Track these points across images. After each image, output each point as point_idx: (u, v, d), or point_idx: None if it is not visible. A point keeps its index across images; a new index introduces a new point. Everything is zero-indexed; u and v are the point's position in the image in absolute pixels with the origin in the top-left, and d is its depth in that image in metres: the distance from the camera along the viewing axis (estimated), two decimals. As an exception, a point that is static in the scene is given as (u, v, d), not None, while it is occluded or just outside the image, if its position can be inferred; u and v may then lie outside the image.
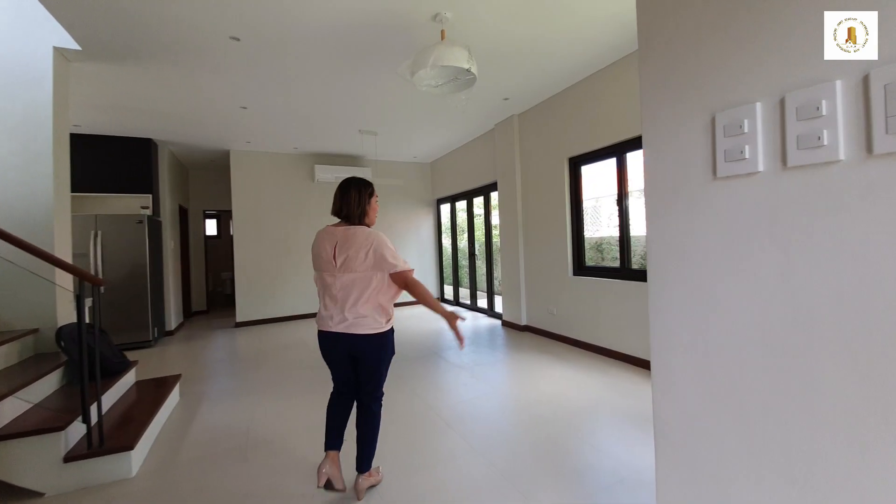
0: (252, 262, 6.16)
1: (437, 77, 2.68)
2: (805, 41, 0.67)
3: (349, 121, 4.93)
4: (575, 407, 2.72)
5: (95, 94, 3.85)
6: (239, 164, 6.11)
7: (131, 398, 2.90)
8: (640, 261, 3.90)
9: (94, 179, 5.06)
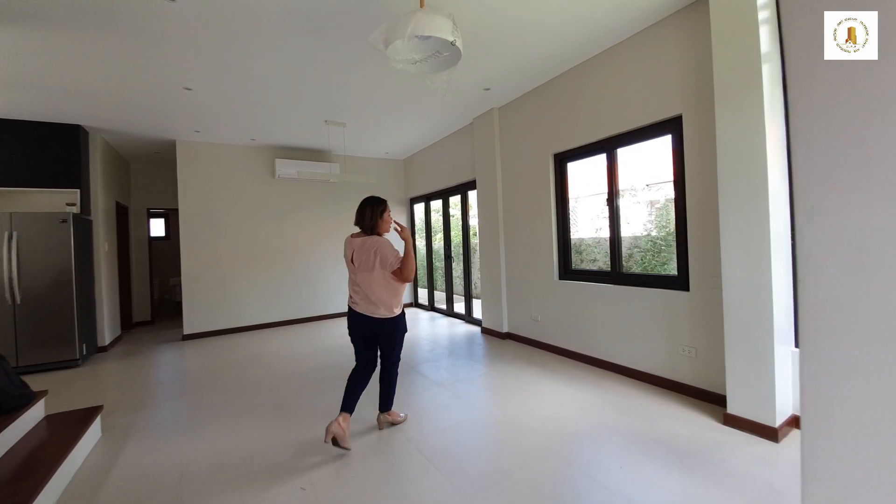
0: (202, 267, 5.49)
1: (416, 51, 2.28)
2: None
3: (314, 109, 4.43)
4: (574, 432, 2.40)
5: (8, 70, 3.18)
6: (187, 157, 5.44)
7: (35, 439, 2.32)
8: (633, 264, 3.67)
9: (10, 171, 4.29)
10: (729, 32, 2.36)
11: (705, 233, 2.73)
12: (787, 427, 2.30)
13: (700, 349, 2.78)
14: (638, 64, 3.10)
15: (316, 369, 3.82)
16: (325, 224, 6.44)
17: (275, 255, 6.02)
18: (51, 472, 1.97)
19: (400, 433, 2.46)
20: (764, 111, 2.24)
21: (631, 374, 3.21)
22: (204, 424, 2.71)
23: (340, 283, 6.53)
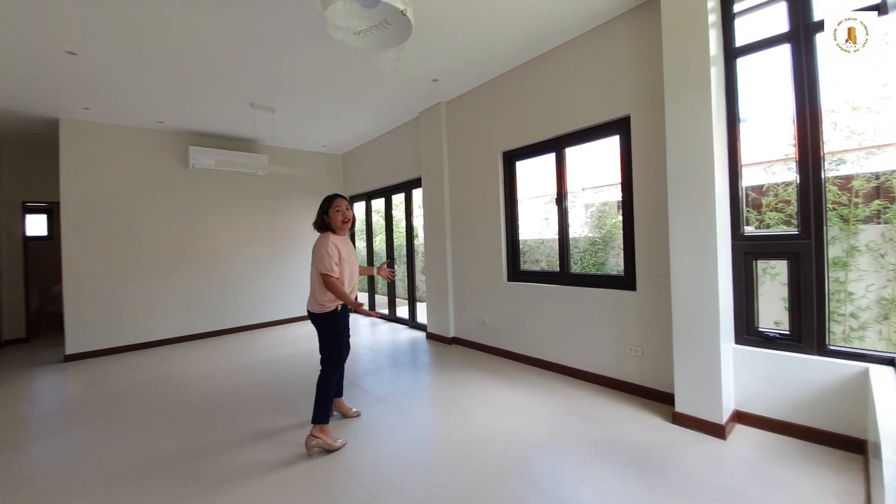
0: (93, 272, 4.58)
1: (359, 16, 1.97)
2: None
3: (237, 89, 3.87)
4: (530, 444, 2.23)
5: None
6: (73, 139, 4.51)
7: None
8: (585, 265, 3.68)
9: None
10: (679, 34, 2.37)
11: (651, 233, 2.74)
12: (732, 423, 2.34)
13: (646, 348, 2.79)
14: (588, 63, 3.07)
15: (241, 389, 3.30)
16: (252, 222, 5.76)
17: (190, 257, 5.23)
18: None
19: (337, 463, 2.12)
20: (712, 112, 2.27)
21: (580, 375, 3.16)
22: (83, 474, 2.13)
23: (271, 289, 5.89)
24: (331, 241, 2.34)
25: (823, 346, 2.19)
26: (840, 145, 2.48)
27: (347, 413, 2.66)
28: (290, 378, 3.52)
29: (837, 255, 2.64)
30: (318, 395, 2.30)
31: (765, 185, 2.97)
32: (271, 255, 5.93)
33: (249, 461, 2.17)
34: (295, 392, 3.16)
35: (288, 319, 6.07)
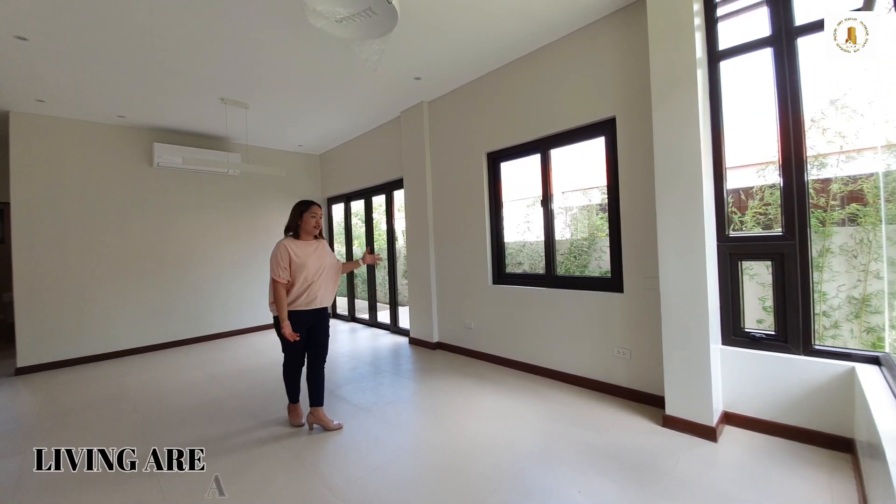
0: (47, 278, 4.22)
1: (342, 5, 1.86)
2: None
3: (206, 82, 3.65)
4: (522, 453, 2.15)
5: None
6: (25, 135, 4.16)
7: None
8: (567, 268, 3.64)
9: None
10: (665, 36, 2.36)
11: (638, 235, 2.73)
12: (721, 425, 2.33)
13: (634, 351, 2.76)
14: (574, 63, 3.05)
15: (205, 406, 3.08)
16: (225, 224, 5.47)
17: (157, 261, 4.91)
18: None
19: (320, 483, 1.97)
20: (699, 114, 2.27)
21: (568, 379, 3.11)
22: (35, 501, 1.90)
23: (242, 295, 5.61)
24: (283, 246, 2.40)
25: (809, 345, 2.21)
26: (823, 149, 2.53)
27: (328, 426, 2.51)
28: (264, 389, 3.32)
29: (812, 257, 2.70)
30: (286, 382, 2.61)
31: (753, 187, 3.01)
32: (246, 258, 5.66)
33: (221, 482, 1.99)
34: (271, 404, 2.98)
35: (260, 327, 5.79)
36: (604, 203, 5.12)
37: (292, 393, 2.63)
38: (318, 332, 2.53)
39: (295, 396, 2.64)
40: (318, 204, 2.57)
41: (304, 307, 2.42)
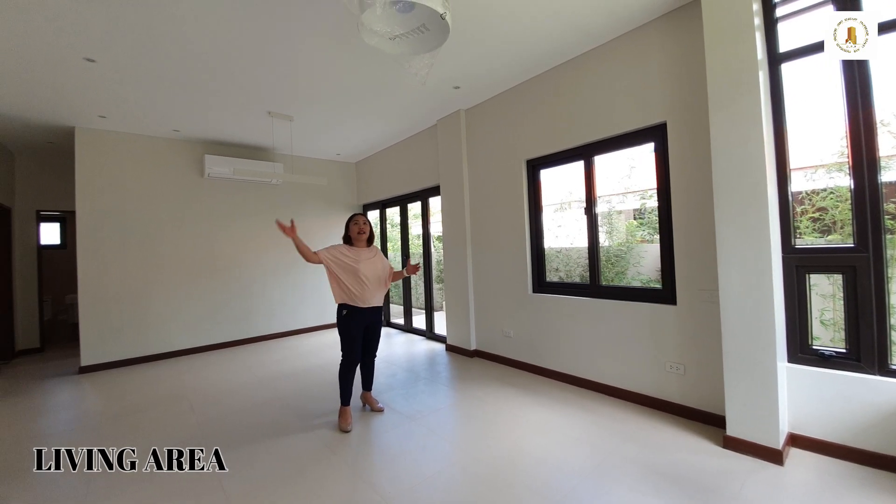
0: (108, 283, 4.52)
1: (394, 22, 1.89)
2: None
3: (256, 97, 3.81)
4: (574, 470, 2.09)
5: None
6: (89, 148, 4.48)
7: None
8: (607, 275, 3.53)
9: None
10: (723, 37, 2.27)
11: (692, 244, 2.62)
12: (787, 447, 2.19)
13: (689, 366, 2.65)
14: (620, 69, 2.97)
15: (256, 407, 3.19)
16: (267, 231, 5.68)
17: (205, 266, 5.16)
18: None
19: (372, 492, 1.99)
20: (762, 118, 2.16)
21: (615, 393, 3.02)
22: (107, 495, 2.03)
23: (286, 299, 5.81)
24: (337, 247, 2.79)
25: (885, 365, 2.05)
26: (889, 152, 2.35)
27: (374, 406, 2.99)
28: (309, 393, 3.41)
29: (887, 270, 2.50)
30: (339, 380, 2.81)
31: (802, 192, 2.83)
32: (287, 264, 5.85)
33: (277, 490, 2.06)
34: (318, 408, 3.06)
35: (303, 329, 5.97)
36: (642, 208, 4.98)
37: (346, 394, 2.79)
38: (373, 329, 2.91)
39: (347, 398, 2.79)
40: (361, 214, 2.92)
41: (362, 305, 2.75)
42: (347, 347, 2.77)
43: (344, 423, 2.69)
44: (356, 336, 2.77)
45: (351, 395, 2.82)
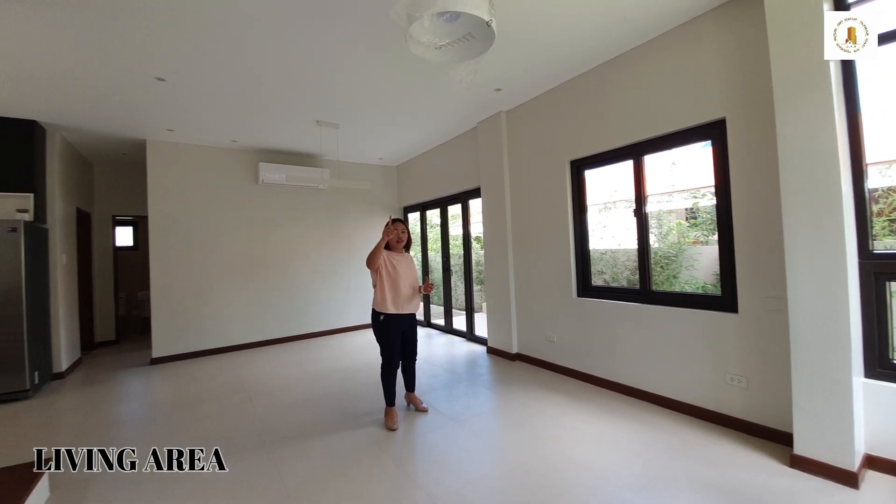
0: (175, 281, 4.93)
1: (441, 32, 1.92)
2: None
3: (305, 107, 4.01)
4: (627, 484, 2.03)
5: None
6: (158, 159, 4.90)
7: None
8: (657, 279, 3.38)
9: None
10: (788, 27, 2.11)
11: (756, 248, 2.45)
12: (863, 469, 2.01)
13: (752, 379, 2.48)
14: (672, 64, 2.84)
15: (307, 402, 3.36)
16: (313, 234, 5.96)
17: (258, 267, 5.50)
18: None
19: (420, 491, 2.05)
20: (834, 110, 1.99)
21: (668, 404, 2.88)
22: (178, 480, 2.22)
23: (332, 298, 6.05)
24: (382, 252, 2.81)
25: (985, 385, 1.83)
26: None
27: (419, 406, 3.07)
28: (357, 390, 3.54)
29: None
30: (383, 382, 2.89)
31: (878, 189, 2.56)
32: (332, 265, 6.10)
33: (330, 483, 2.16)
34: (365, 405, 3.17)
35: (348, 328, 6.20)
36: (695, 208, 4.72)
37: (389, 396, 2.88)
38: (409, 335, 2.98)
39: (392, 399, 2.88)
40: (400, 220, 2.97)
41: (397, 311, 2.82)
42: (387, 352, 2.85)
43: (390, 422, 2.77)
44: (394, 341, 2.84)
45: (395, 396, 2.90)
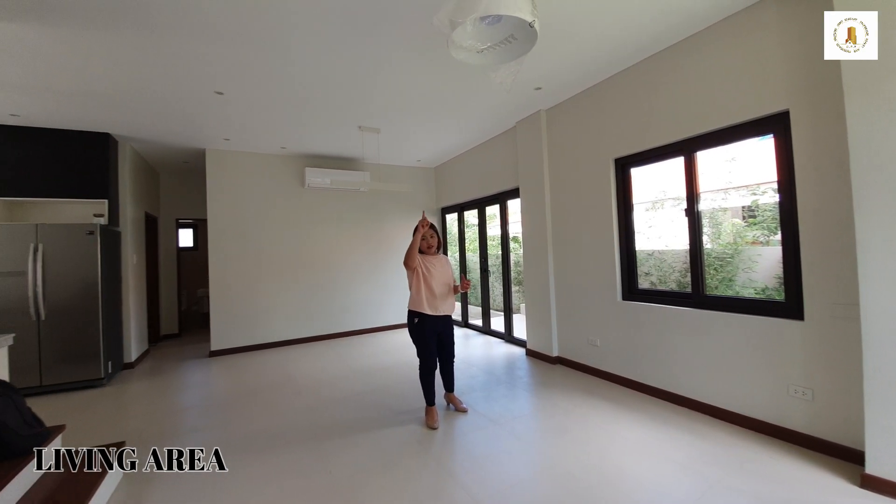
0: (230, 280, 5.27)
1: (483, 36, 1.92)
2: None
3: (348, 114, 4.15)
4: (677, 499, 1.93)
5: (32, 72, 3.01)
6: (216, 166, 5.26)
7: (48, 487, 2.04)
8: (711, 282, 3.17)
9: (37, 181, 4.16)
10: (862, 8, 1.92)
11: (825, 248, 2.26)
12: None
13: (818, 391, 2.29)
14: (728, 54, 2.67)
15: (351, 397, 3.48)
16: (354, 235, 6.16)
17: (303, 267, 5.76)
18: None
19: (462, 491, 2.06)
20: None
21: (724, 416, 2.71)
22: (235, 467, 2.38)
23: (370, 297, 6.23)
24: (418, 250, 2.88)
25: None
26: None
27: (459, 406, 3.09)
28: (398, 388, 3.62)
29: None
30: (422, 383, 2.94)
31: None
32: (372, 265, 6.27)
33: (374, 477, 2.23)
34: (407, 403, 3.24)
35: (387, 327, 6.35)
36: (754, 205, 4.40)
37: (429, 395, 2.93)
38: (446, 336, 2.99)
39: (431, 399, 2.92)
40: (430, 226, 2.96)
41: (432, 313, 2.86)
42: (424, 354, 2.89)
43: (431, 421, 2.81)
44: (430, 342, 2.88)
45: (434, 396, 2.94)
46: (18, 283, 3.81)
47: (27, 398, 2.19)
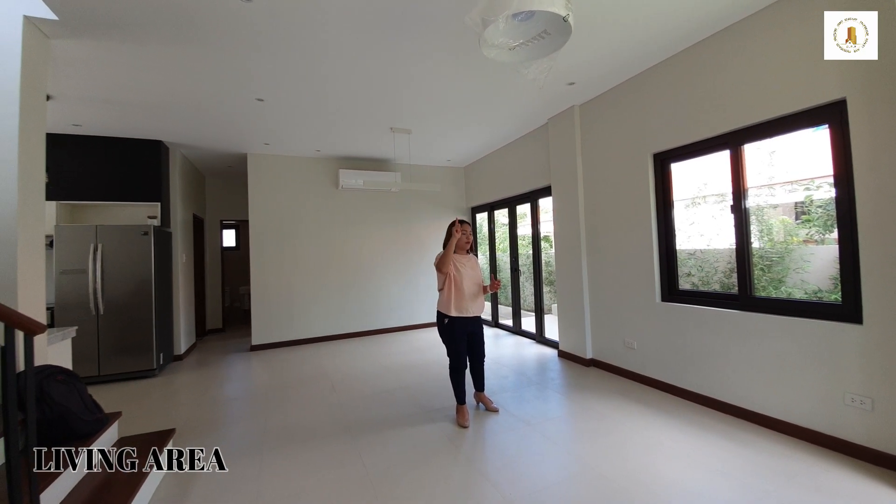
0: (269, 278, 5.52)
1: (515, 33, 1.91)
2: None
3: (380, 116, 4.24)
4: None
5: (93, 86, 3.28)
6: (257, 170, 5.51)
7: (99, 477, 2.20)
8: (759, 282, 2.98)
9: (96, 185, 4.51)
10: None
11: (888, 248, 2.08)
12: None
13: (879, 400, 2.11)
14: (775, 41, 2.51)
15: (383, 393, 3.55)
16: (385, 234, 6.27)
17: (336, 265, 5.93)
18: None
19: (494, 491, 2.06)
20: None
21: (771, 424, 2.56)
22: (275, 454, 2.50)
23: (401, 296, 6.32)
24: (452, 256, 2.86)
25: None
26: None
27: (489, 405, 3.08)
28: (429, 386, 3.66)
29: None
30: (452, 382, 2.96)
31: None
32: (403, 264, 6.37)
33: (407, 472, 2.27)
34: (438, 401, 3.27)
35: (418, 325, 6.42)
36: (807, 202, 4.10)
37: (459, 394, 2.94)
38: (476, 336, 2.99)
39: (462, 397, 2.93)
40: (466, 222, 2.96)
41: (459, 314, 2.85)
42: (453, 354, 2.90)
43: (462, 420, 2.82)
44: (459, 343, 2.88)
45: (465, 395, 2.95)
46: (80, 280, 4.15)
47: (87, 386, 2.37)
